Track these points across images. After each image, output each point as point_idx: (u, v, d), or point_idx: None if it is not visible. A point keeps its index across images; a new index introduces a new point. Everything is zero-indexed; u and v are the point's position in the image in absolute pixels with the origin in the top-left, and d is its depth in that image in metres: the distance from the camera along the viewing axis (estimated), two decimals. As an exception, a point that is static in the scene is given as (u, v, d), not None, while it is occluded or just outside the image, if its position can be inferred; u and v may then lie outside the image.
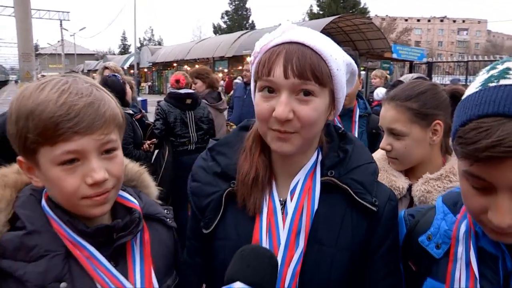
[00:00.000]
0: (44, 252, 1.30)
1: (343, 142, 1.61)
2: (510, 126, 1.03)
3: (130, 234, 1.45)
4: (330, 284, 1.45)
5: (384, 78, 11.68)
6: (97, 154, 1.32)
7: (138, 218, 1.50)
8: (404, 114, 2.11)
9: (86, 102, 1.29)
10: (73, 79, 1.36)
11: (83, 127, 1.27)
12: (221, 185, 1.56)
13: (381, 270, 1.53)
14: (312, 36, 1.40)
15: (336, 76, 1.41)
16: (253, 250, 1.29)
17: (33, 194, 1.42)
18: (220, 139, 1.72)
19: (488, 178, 1.10)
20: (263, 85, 1.39)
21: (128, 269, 1.46)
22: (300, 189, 1.51)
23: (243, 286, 1.20)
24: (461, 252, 1.36)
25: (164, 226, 1.68)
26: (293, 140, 1.39)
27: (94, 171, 1.30)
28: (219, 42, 36.96)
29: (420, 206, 1.89)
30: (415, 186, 2.15)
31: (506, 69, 1.13)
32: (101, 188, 1.33)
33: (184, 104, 6.49)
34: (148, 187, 1.76)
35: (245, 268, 1.23)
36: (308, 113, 1.36)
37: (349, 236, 1.48)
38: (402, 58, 30.10)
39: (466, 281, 1.32)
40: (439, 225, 1.47)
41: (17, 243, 1.28)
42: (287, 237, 1.46)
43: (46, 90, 1.29)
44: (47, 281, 1.27)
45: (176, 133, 6.44)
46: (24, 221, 1.33)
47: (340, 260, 1.46)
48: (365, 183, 1.51)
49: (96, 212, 1.37)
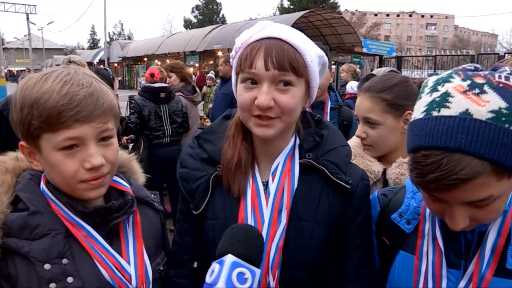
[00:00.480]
0: (47, 230, 1.40)
1: (319, 127, 1.76)
2: (452, 158, 1.12)
3: (125, 214, 1.57)
4: (310, 255, 1.60)
5: (352, 72, 11.89)
6: (95, 141, 1.42)
7: (131, 200, 1.61)
8: (378, 104, 2.25)
9: (87, 93, 1.40)
10: (74, 71, 1.46)
11: (83, 115, 1.37)
12: (208, 169, 1.68)
13: (355, 241, 1.69)
14: (288, 32, 1.55)
15: (310, 67, 1.56)
16: (243, 227, 1.43)
17: (32, 178, 1.52)
18: (205, 128, 1.85)
19: (439, 196, 1.24)
20: (245, 77, 1.52)
21: (122, 247, 1.57)
22: (281, 171, 1.65)
23: (234, 258, 1.31)
24: (428, 229, 1.51)
25: (152, 209, 1.80)
26: (274, 125, 1.53)
27: (92, 157, 1.40)
28: (190, 37, 36.65)
29: (392, 186, 2.05)
30: (390, 170, 2.30)
31: (446, 94, 1.19)
32: (98, 172, 1.43)
33: (158, 97, 6.57)
34: (136, 173, 1.87)
35: (236, 243, 1.35)
36: (288, 101, 1.50)
37: (326, 212, 1.63)
38: (372, 53, 30.44)
39: (433, 254, 1.46)
40: (409, 203, 1.62)
41: (22, 222, 1.38)
42: (270, 215, 1.59)
43: (50, 81, 1.40)
44: (51, 257, 1.37)
45: (150, 126, 6.52)
46: (26, 203, 1.42)
47: (318, 234, 1.61)
48: (340, 164, 1.65)
49: (92, 195, 1.47)
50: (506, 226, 1.36)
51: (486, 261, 1.34)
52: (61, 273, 1.37)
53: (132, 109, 6.51)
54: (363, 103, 2.32)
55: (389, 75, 2.39)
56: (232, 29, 28.44)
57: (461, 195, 1.18)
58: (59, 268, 1.38)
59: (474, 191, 1.16)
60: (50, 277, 1.35)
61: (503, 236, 1.35)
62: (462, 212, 1.24)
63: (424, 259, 1.48)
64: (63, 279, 1.37)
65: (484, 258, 1.35)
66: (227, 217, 1.63)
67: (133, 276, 1.54)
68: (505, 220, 1.36)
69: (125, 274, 1.52)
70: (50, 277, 1.35)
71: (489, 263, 1.34)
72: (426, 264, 1.47)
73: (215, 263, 1.33)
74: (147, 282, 1.60)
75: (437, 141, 1.16)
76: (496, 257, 1.34)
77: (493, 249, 1.35)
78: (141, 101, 6.51)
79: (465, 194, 1.18)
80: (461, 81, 1.20)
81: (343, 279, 1.68)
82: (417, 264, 1.50)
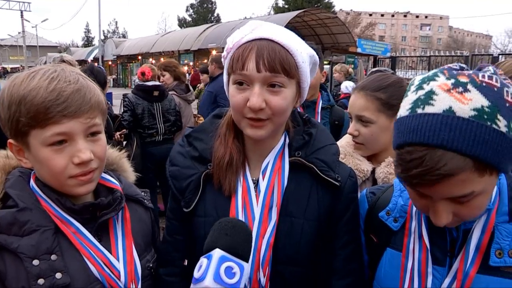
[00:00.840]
0: (36, 227, 1.42)
1: (308, 126, 1.78)
2: (435, 154, 1.15)
3: (114, 211, 1.59)
4: (300, 251, 1.63)
5: (344, 72, 11.98)
6: (83, 136, 1.43)
7: (120, 196, 1.62)
8: (373, 103, 2.26)
9: (74, 89, 1.41)
10: (61, 68, 1.47)
11: (71, 111, 1.38)
12: (198, 167, 1.70)
13: (343, 237, 1.72)
14: (279, 33, 1.55)
15: (301, 68, 1.57)
16: (230, 221, 1.42)
17: (21, 175, 1.53)
18: (196, 127, 1.86)
19: (423, 192, 1.27)
20: (237, 79, 1.54)
21: (111, 244, 1.59)
22: (271, 169, 1.67)
23: (222, 253, 1.31)
24: (414, 226, 1.54)
25: (142, 206, 1.82)
26: (266, 126, 1.55)
27: (80, 152, 1.41)
28: (185, 35, 36.59)
29: (380, 185, 2.07)
30: (379, 169, 2.31)
31: (431, 92, 1.22)
32: (87, 167, 1.44)
33: (151, 96, 6.58)
34: (127, 171, 1.89)
35: (224, 237, 1.34)
36: (279, 102, 1.52)
37: (315, 208, 1.65)
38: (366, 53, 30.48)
39: (419, 252, 1.49)
40: (397, 201, 1.65)
41: (11, 219, 1.39)
42: (260, 212, 1.62)
43: (37, 78, 1.41)
44: (40, 253, 1.38)
45: (144, 124, 6.54)
46: (15, 200, 1.44)
47: (308, 229, 1.63)
48: (328, 161, 1.68)
49: (82, 191, 1.48)
50: (490, 224, 1.38)
51: (471, 258, 1.37)
52: (49, 269, 1.38)
53: (125, 107, 6.51)
54: (357, 101, 2.32)
55: (384, 75, 2.41)
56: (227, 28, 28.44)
57: (444, 191, 1.21)
58: (47, 264, 1.39)
59: (456, 187, 1.19)
60: (38, 272, 1.36)
61: (487, 234, 1.37)
62: (446, 207, 1.27)
63: (411, 257, 1.51)
64: (51, 275, 1.38)
65: (468, 255, 1.38)
66: (218, 215, 1.64)
67: (122, 272, 1.55)
68: (489, 218, 1.39)
69: (114, 270, 1.54)
70: (38, 273, 1.36)
71: (473, 260, 1.37)
72: (412, 261, 1.49)
73: (203, 258, 1.33)
74: (136, 279, 1.61)
75: (421, 137, 1.19)
76: (480, 254, 1.36)
77: (477, 246, 1.37)
78: (135, 99, 6.52)
79: (448, 190, 1.21)
80: (445, 80, 1.22)
81: (332, 275, 1.71)
82: (403, 261, 1.52)
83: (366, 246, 1.78)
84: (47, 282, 1.36)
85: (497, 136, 1.15)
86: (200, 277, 1.29)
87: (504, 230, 1.37)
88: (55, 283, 1.38)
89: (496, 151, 1.16)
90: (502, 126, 1.16)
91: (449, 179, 1.17)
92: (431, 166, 1.16)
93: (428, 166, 1.16)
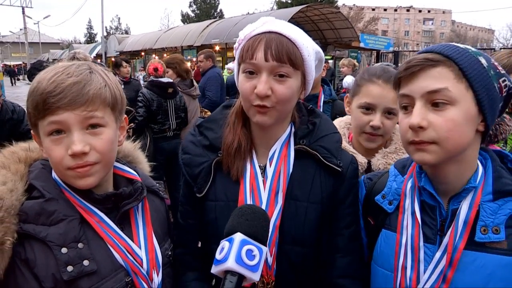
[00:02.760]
0: (63, 216, 1.48)
1: (312, 116, 1.91)
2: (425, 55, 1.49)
3: (135, 200, 1.65)
4: (304, 232, 1.74)
5: (352, 66, 11.98)
6: (79, 128, 1.46)
7: (141, 187, 1.70)
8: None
9: (73, 81, 1.45)
10: (78, 64, 1.54)
11: (65, 102, 1.42)
12: (209, 155, 1.82)
13: (345, 219, 1.84)
14: (288, 27, 1.69)
15: (307, 61, 1.69)
16: (250, 207, 1.53)
17: (44, 167, 1.59)
18: (206, 117, 1.98)
19: (406, 92, 1.52)
20: (246, 68, 1.66)
21: (133, 232, 1.66)
22: (277, 156, 1.79)
23: (244, 237, 1.40)
24: (408, 204, 1.68)
25: (158, 197, 1.91)
26: (271, 113, 1.67)
27: (73, 143, 1.44)
28: (188, 31, 36.33)
29: (376, 171, 2.17)
30: (376, 160, 2.38)
31: None
32: (82, 160, 1.46)
33: (166, 92, 6.73)
34: (142, 162, 1.97)
35: (244, 222, 1.44)
36: (284, 91, 1.64)
37: (318, 192, 1.77)
38: (369, 47, 30.38)
39: (412, 227, 1.63)
40: (391, 185, 1.79)
41: (39, 209, 1.46)
42: (267, 197, 1.74)
43: (48, 72, 1.49)
44: (67, 241, 1.45)
45: (157, 120, 6.71)
46: (41, 190, 1.50)
47: (312, 212, 1.75)
48: (331, 149, 1.81)
49: (80, 184, 1.51)
50: (476, 201, 1.51)
51: (460, 232, 1.50)
52: (77, 257, 1.44)
53: (140, 102, 6.62)
54: (388, 93, 2.27)
55: (391, 68, 2.45)
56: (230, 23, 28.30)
57: (421, 84, 1.47)
58: (75, 251, 1.44)
59: (431, 80, 1.45)
60: (67, 260, 1.42)
61: (473, 210, 1.50)
62: (422, 110, 1.47)
63: (405, 233, 1.64)
64: (79, 262, 1.44)
65: (458, 230, 1.50)
66: (228, 199, 1.76)
67: (144, 259, 1.62)
68: (476, 196, 1.52)
69: (137, 257, 1.60)
70: (67, 260, 1.42)
71: (461, 234, 1.49)
72: (406, 237, 1.62)
73: (225, 241, 1.41)
74: (158, 266, 1.68)
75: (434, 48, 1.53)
76: (468, 228, 1.49)
77: (465, 221, 1.50)
78: (150, 95, 6.65)
79: (425, 82, 1.46)
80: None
81: (335, 253, 1.81)
82: (398, 238, 1.65)
83: (365, 229, 1.91)
84: (75, 269, 1.42)
85: (478, 63, 1.47)
86: (222, 258, 1.37)
87: (489, 208, 1.49)
88: (83, 270, 1.44)
89: (473, 69, 1.45)
90: (484, 62, 1.47)
91: (429, 69, 1.46)
92: (418, 56, 1.50)
93: (417, 55, 1.51)
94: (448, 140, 1.44)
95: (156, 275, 1.66)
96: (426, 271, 1.54)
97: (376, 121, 2.31)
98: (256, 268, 1.37)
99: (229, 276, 1.34)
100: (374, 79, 2.33)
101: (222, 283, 1.34)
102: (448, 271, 1.49)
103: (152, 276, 1.64)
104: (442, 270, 1.50)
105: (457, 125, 1.43)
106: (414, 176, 1.69)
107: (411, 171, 1.73)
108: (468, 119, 1.45)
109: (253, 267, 1.37)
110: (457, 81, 1.43)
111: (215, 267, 1.39)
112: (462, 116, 1.43)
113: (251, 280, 1.38)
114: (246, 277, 1.36)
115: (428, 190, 1.60)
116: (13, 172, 1.52)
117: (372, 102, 2.32)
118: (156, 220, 1.80)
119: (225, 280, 1.34)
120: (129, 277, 1.57)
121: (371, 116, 2.33)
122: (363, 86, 2.37)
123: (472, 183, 1.53)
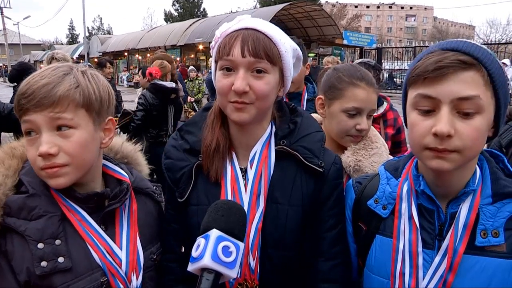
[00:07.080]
0: (43, 212, 1.50)
1: (294, 115, 1.85)
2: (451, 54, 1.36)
3: (119, 202, 1.65)
4: (286, 235, 1.69)
5: (335, 63, 12.00)
6: (48, 129, 1.46)
7: (126, 188, 1.68)
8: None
9: (44, 83, 1.46)
10: (56, 65, 1.55)
11: (33, 104, 1.44)
12: (190, 159, 1.77)
13: (327, 221, 1.78)
14: (264, 24, 1.66)
15: (284, 57, 1.66)
16: (226, 203, 1.48)
17: None
18: (187, 121, 1.93)
19: (432, 93, 1.37)
20: (223, 64, 1.61)
21: (116, 233, 1.66)
22: (258, 158, 1.74)
23: (219, 233, 1.35)
24: (405, 208, 1.59)
25: (152, 200, 1.89)
26: (249, 110, 1.61)
27: (41, 144, 1.45)
28: (171, 30, 36.33)
29: (365, 174, 2.08)
30: (345, 157, 2.30)
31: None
32: (50, 161, 1.46)
33: (168, 98, 6.61)
34: (140, 165, 1.97)
35: (220, 218, 1.40)
36: (262, 87, 1.59)
37: (299, 195, 1.72)
38: (352, 44, 30.61)
39: (410, 232, 1.55)
40: (384, 189, 1.69)
41: (21, 203, 1.48)
42: (249, 199, 1.69)
43: (33, 74, 1.51)
44: (45, 237, 1.46)
45: (156, 125, 6.60)
46: (26, 186, 1.52)
47: (293, 215, 1.70)
48: (313, 148, 1.75)
49: (52, 183, 1.51)
50: (476, 204, 1.46)
51: (459, 236, 1.44)
52: (53, 253, 1.46)
53: (141, 105, 6.44)
54: (371, 96, 2.30)
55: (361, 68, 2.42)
56: (213, 22, 28.31)
57: (453, 88, 1.34)
58: (51, 248, 1.46)
59: (464, 84, 1.33)
60: (42, 255, 1.44)
61: (473, 213, 1.44)
62: (449, 116, 1.35)
63: (402, 238, 1.56)
64: (54, 258, 1.45)
65: (457, 233, 1.45)
66: (210, 202, 1.66)
67: (123, 261, 1.61)
68: (475, 199, 1.46)
69: (116, 258, 1.60)
70: (42, 255, 1.44)
71: (461, 238, 1.44)
72: (404, 242, 1.55)
73: (201, 238, 1.38)
74: (138, 268, 1.67)
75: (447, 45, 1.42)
76: (468, 232, 1.43)
77: (465, 225, 1.44)
78: (152, 99, 6.45)
79: (457, 87, 1.34)
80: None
81: (317, 257, 1.76)
82: (395, 243, 1.58)
83: (354, 235, 1.83)
84: (49, 265, 1.44)
85: (502, 69, 1.38)
86: (198, 256, 1.34)
87: (488, 211, 1.44)
88: (57, 267, 1.45)
89: (500, 75, 1.37)
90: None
91: (461, 72, 1.33)
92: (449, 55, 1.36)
93: (441, 59, 1.36)
94: (471, 149, 1.37)
95: (136, 278, 1.65)
96: (425, 276, 1.48)
97: (364, 125, 2.29)
98: (233, 264, 1.35)
99: (206, 274, 1.32)
100: (357, 82, 2.29)
101: (199, 282, 1.31)
102: (448, 275, 1.44)
103: (131, 278, 1.63)
104: (442, 274, 1.45)
105: (481, 135, 1.37)
106: (410, 179, 1.62)
107: (406, 174, 1.66)
108: (488, 127, 1.39)
109: (230, 263, 1.34)
110: (485, 88, 1.35)
111: (191, 265, 1.36)
112: (486, 125, 1.37)
113: (229, 277, 1.36)
114: (223, 274, 1.33)
115: (426, 194, 1.53)
116: (6, 167, 1.55)
117: (359, 106, 2.28)
118: (145, 222, 1.79)
119: (201, 278, 1.32)
120: (105, 277, 1.57)
121: (357, 119, 2.29)
122: (347, 90, 2.29)
123: (471, 186, 1.48)
